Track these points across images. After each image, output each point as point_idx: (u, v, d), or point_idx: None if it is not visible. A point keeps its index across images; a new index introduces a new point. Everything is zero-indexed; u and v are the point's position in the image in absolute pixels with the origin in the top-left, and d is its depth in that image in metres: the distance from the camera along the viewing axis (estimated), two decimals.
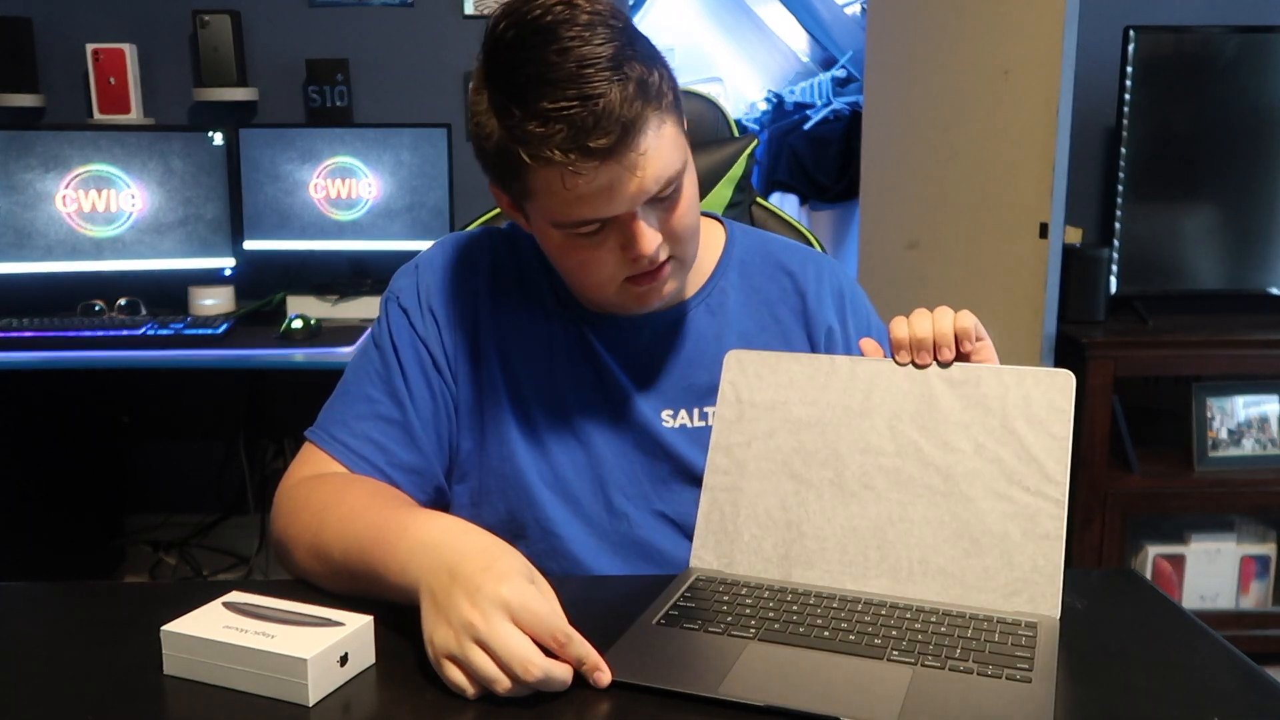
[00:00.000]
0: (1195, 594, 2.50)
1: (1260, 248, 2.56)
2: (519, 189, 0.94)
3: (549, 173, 0.89)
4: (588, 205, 0.90)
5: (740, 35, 5.15)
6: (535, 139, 0.87)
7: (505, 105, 0.89)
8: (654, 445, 1.05)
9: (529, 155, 0.88)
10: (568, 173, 0.87)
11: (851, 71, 4.64)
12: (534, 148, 0.87)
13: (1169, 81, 2.48)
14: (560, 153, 0.86)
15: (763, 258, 1.13)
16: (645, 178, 0.90)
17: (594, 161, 0.87)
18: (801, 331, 1.10)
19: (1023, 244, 2.31)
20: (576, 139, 0.86)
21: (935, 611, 0.83)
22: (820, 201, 4.30)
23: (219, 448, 2.89)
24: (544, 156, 0.87)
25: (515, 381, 1.06)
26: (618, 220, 0.92)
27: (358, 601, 0.84)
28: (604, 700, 0.73)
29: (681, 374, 1.07)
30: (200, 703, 0.73)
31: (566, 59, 0.86)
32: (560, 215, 0.92)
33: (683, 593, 0.87)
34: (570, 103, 0.85)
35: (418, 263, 1.12)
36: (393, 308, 1.08)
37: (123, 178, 2.52)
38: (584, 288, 1.02)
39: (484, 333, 1.06)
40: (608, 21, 0.89)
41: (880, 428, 0.91)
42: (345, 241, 2.63)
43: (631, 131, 0.88)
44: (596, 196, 0.89)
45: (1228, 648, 0.81)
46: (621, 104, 0.86)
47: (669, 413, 1.06)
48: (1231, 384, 2.51)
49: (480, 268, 1.09)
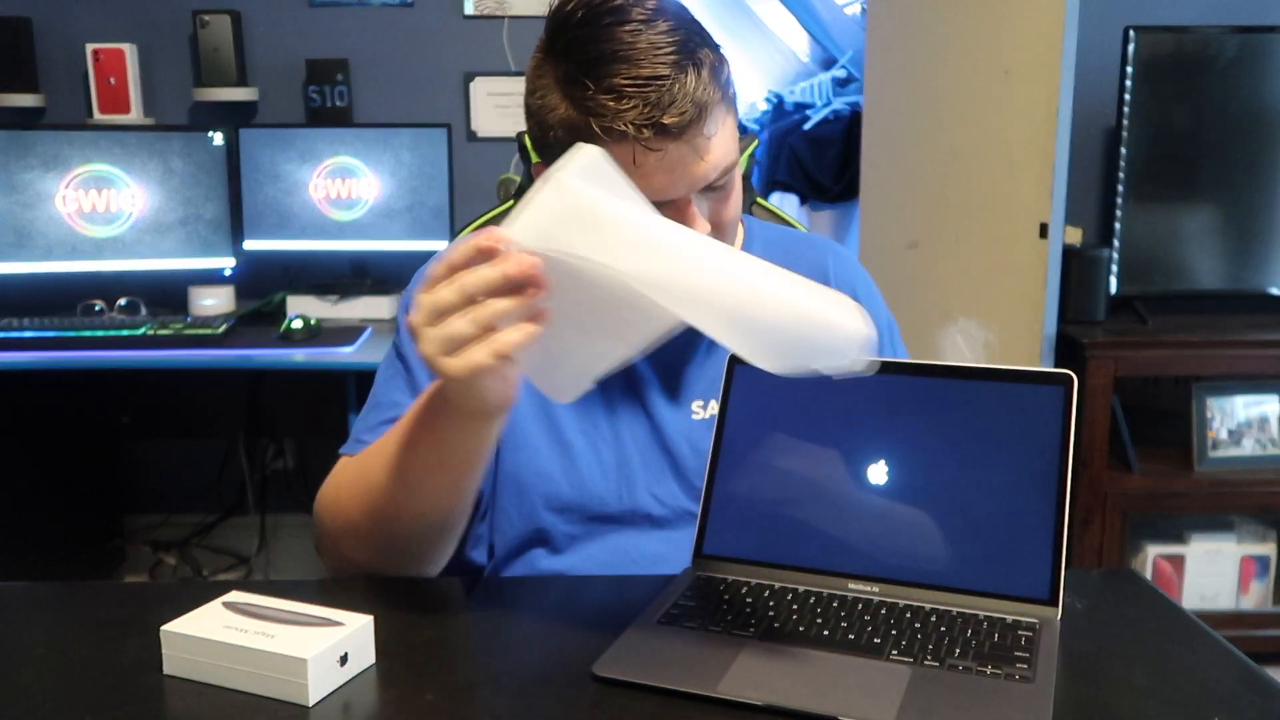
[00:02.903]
0: (1195, 594, 2.50)
1: (1260, 248, 2.56)
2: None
3: (614, 148, 0.87)
4: (650, 185, 0.90)
5: (740, 35, 5.15)
6: (609, 112, 0.87)
7: (576, 78, 0.89)
8: (681, 440, 1.05)
9: (601, 127, 0.88)
10: (639, 149, 0.88)
11: (851, 71, 4.64)
12: (607, 120, 0.87)
13: (1169, 81, 2.48)
14: (634, 127, 0.87)
15: (783, 249, 1.13)
16: (709, 163, 0.91)
17: (666, 139, 0.88)
18: None
19: (1023, 244, 2.31)
20: (651, 114, 0.87)
21: (934, 611, 0.83)
22: (820, 201, 4.29)
23: (219, 448, 2.89)
24: (617, 130, 0.87)
25: (536, 405, 1.05)
26: (672, 205, 0.93)
27: (358, 601, 0.84)
28: (604, 699, 0.73)
29: (710, 364, 1.07)
30: (200, 703, 0.73)
31: (638, 39, 0.88)
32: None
33: (683, 592, 0.87)
34: (646, 80, 0.87)
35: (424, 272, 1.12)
36: (405, 315, 1.09)
37: (123, 178, 2.52)
38: None
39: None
40: (674, 10, 0.91)
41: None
42: (345, 241, 2.63)
43: (704, 114, 0.89)
44: (660, 176, 0.90)
45: (1228, 648, 0.81)
46: (696, 86, 0.88)
47: (699, 403, 1.06)
48: (1231, 384, 2.51)
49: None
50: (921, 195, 2.67)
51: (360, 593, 0.97)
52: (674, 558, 1.01)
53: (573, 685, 0.74)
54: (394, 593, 0.96)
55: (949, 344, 2.50)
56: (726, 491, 0.93)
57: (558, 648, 0.80)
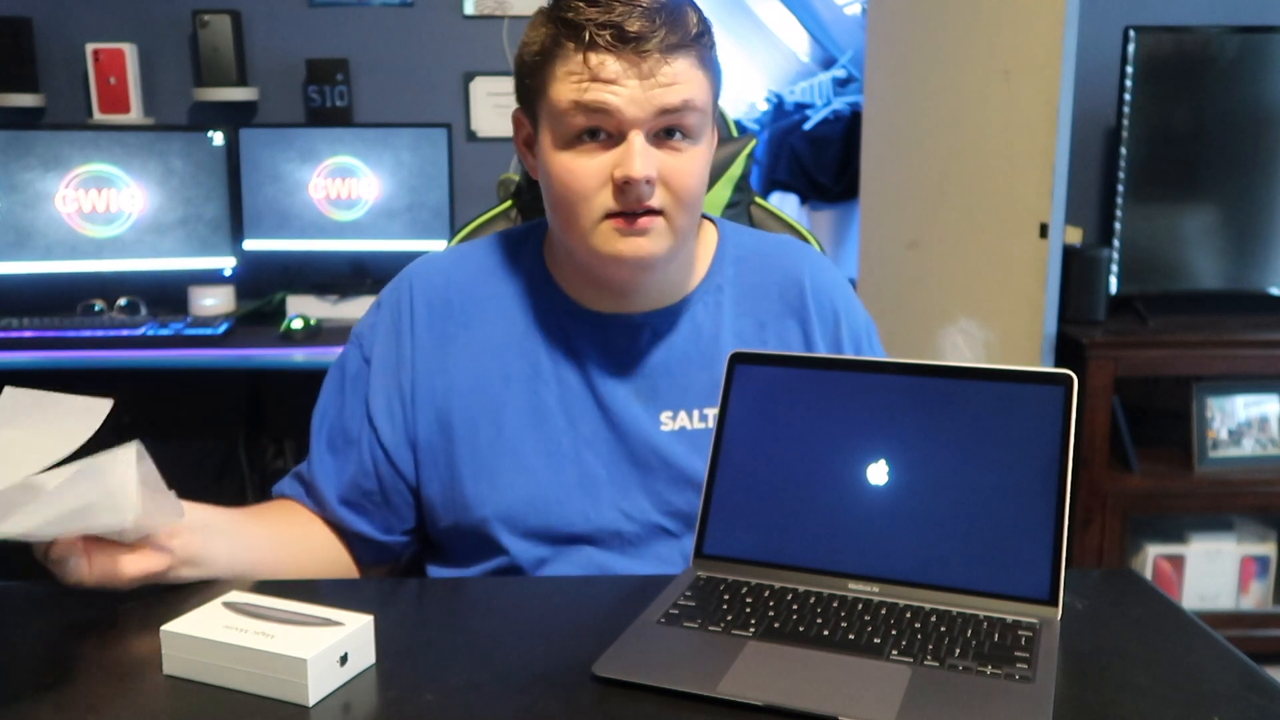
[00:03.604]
0: (1195, 594, 2.50)
1: (1260, 248, 2.56)
2: (538, 87, 0.96)
3: (573, 52, 0.92)
4: (600, 94, 0.92)
5: (740, 35, 5.15)
6: (577, 12, 0.92)
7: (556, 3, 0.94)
8: (650, 453, 1.03)
9: (565, 30, 0.92)
10: (597, 50, 0.91)
11: (851, 71, 4.64)
12: (572, 17, 0.91)
13: (1169, 81, 2.48)
14: (594, 26, 0.91)
15: (758, 256, 1.12)
16: (665, 93, 0.93)
17: (623, 47, 0.91)
18: (798, 327, 1.09)
19: (1023, 244, 2.31)
20: (612, 19, 0.91)
21: (934, 611, 0.83)
22: (820, 201, 4.30)
23: (219, 448, 2.89)
24: (577, 23, 0.91)
25: (493, 415, 1.03)
26: (617, 140, 0.94)
27: (358, 601, 0.84)
28: (604, 699, 0.73)
29: (680, 374, 1.05)
30: (200, 703, 0.73)
31: None
32: (568, 105, 0.93)
33: (683, 592, 0.87)
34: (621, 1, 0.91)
35: (380, 301, 1.10)
36: (353, 350, 1.09)
37: (123, 177, 2.52)
38: (569, 222, 0.98)
39: (449, 367, 1.05)
40: None
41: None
42: (345, 241, 2.63)
43: (669, 41, 0.92)
44: (612, 87, 0.92)
45: (1228, 648, 0.81)
46: (668, 16, 0.92)
47: (668, 414, 1.04)
48: (1231, 384, 2.51)
49: (443, 297, 1.07)
50: (921, 195, 2.67)
51: (360, 593, 0.97)
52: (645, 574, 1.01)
53: (573, 685, 0.74)
54: (394, 593, 0.96)
55: (949, 344, 2.51)
56: (726, 491, 0.93)
57: (558, 648, 0.80)
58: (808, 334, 1.09)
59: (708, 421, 1.04)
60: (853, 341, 1.11)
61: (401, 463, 1.05)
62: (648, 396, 1.04)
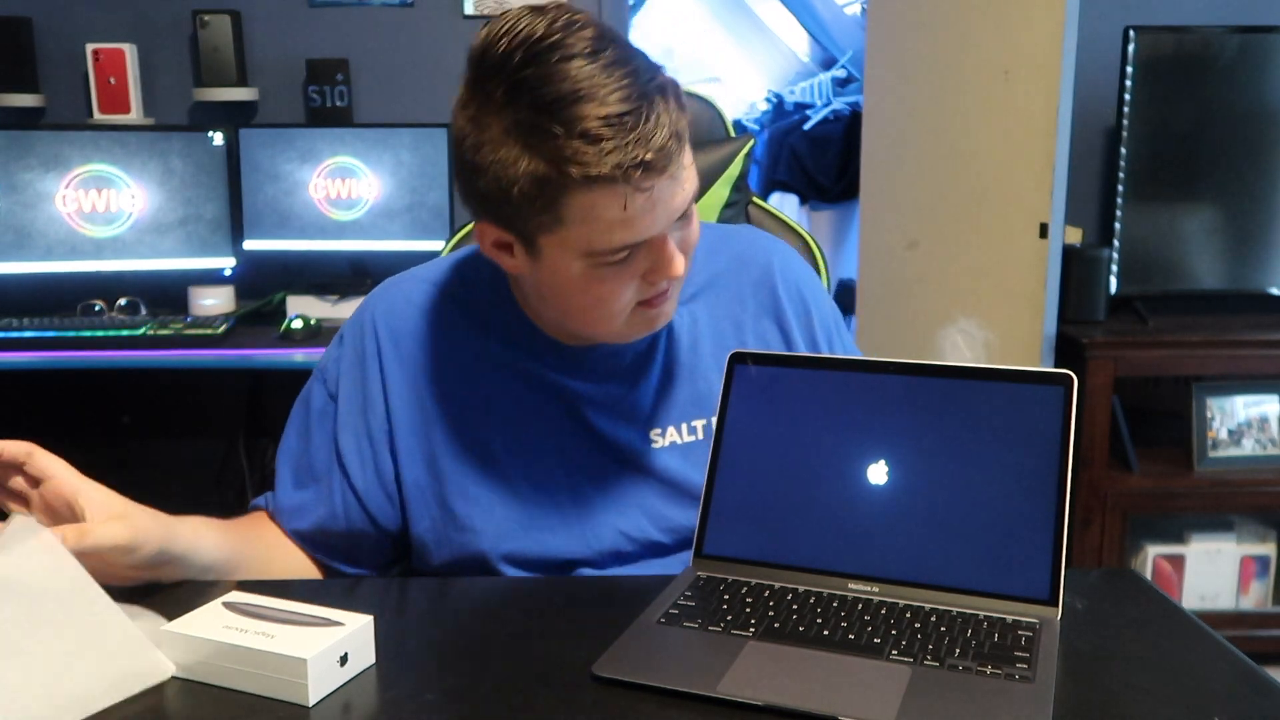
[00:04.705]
0: (1195, 594, 2.50)
1: (1260, 248, 2.56)
2: (543, 222, 0.85)
3: (599, 194, 0.81)
4: (635, 226, 0.84)
5: (740, 35, 5.15)
6: (588, 157, 0.79)
7: (537, 126, 0.80)
8: (644, 473, 1.01)
9: (582, 175, 0.80)
10: (630, 190, 0.81)
11: (851, 71, 4.64)
12: (590, 167, 0.79)
13: (1169, 81, 2.48)
14: (622, 170, 0.79)
15: (726, 253, 1.09)
16: (686, 192, 0.86)
17: (653, 175, 0.81)
18: (775, 326, 1.07)
19: (1023, 244, 2.31)
20: (635, 153, 0.79)
21: (934, 611, 0.83)
22: (820, 201, 4.30)
23: (219, 448, 2.89)
24: (603, 176, 0.79)
25: (481, 448, 1.00)
26: (648, 242, 0.87)
27: (358, 601, 0.84)
28: (604, 698, 0.73)
29: (665, 391, 1.03)
30: (200, 703, 0.73)
31: (594, 73, 0.80)
32: (600, 242, 0.85)
33: (683, 592, 0.87)
34: (619, 117, 0.79)
35: (342, 335, 1.07)
36: (317, 386, 1.06)
37: (123, 178, 2.52)
38: (593, 322, 0.94)
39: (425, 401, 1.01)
40: (614, 36, 0.83)
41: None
42: (345, 241, 2.63)
43: (682, 141, 0.84)
44: (647, 216, 0.83)
45: (1228, 648, 0.81)
46: (666, 114, 0.81)
47: (657, 432, 1.02)
48: (1231, 384, 2.51)
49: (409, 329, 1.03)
50: (921, 195, 2.68)
51: (360, 593, 0.97)
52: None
53: (573, 685, 0.74)
54: (394, 593, 0.96)
55: (949, 344, 2.50)
56: (726, 491, 0.93)
57: (558, 648, 0.80)
58: (785, 331, 1.07)
59: (698, 434, 1.03)
60: (824, 333, 1.09)
61: (375, 507, 1.01)
62: (635, 417, 1.02)
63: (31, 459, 0.85)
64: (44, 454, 0.86)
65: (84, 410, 2.78)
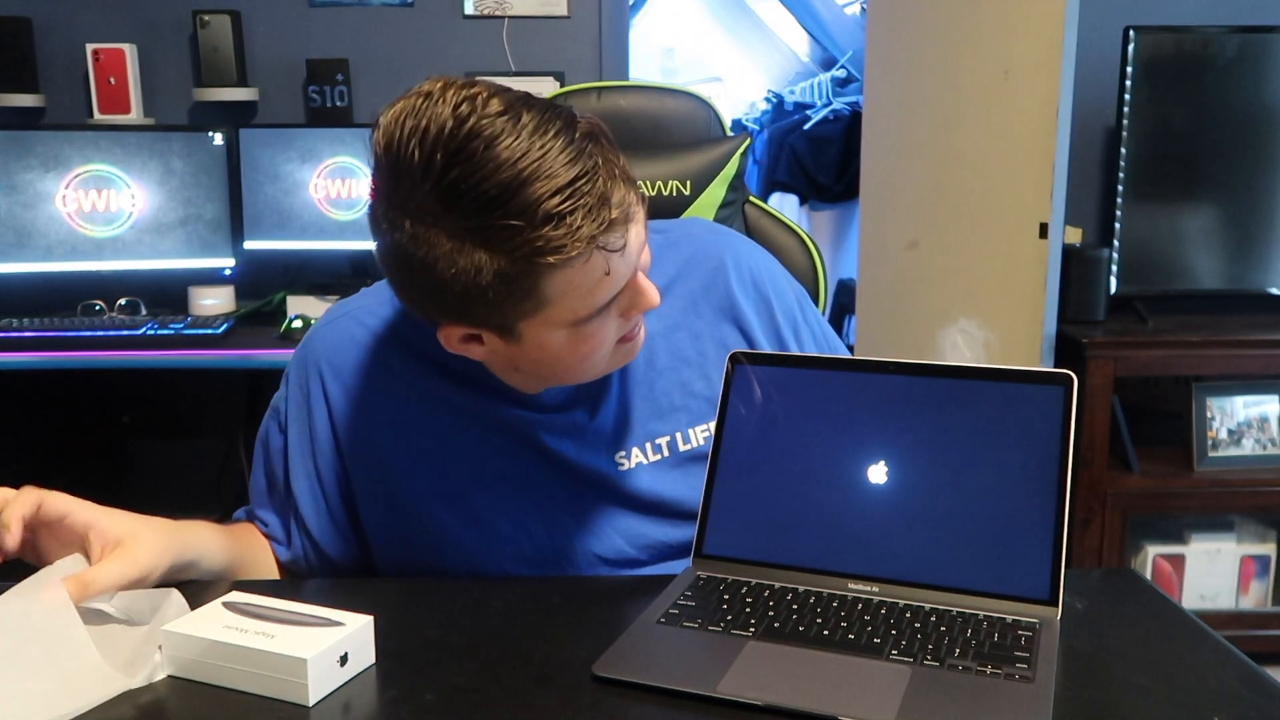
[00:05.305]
0: (1195, 594, 2.50)
1: (1260, 248, 2.56)
2: (523, 310, 0.82)
3: (577, 269, 0.78)
4: (616, 278, 0.82)
5: (740, 35, 5.15)
6: (558, 241, 0.75)
7: (490, 227, 0.75)
8: (615, 496, 1.00)
9: (560, 260, 0.76)
10: (611, 256, 0.79)
11: (851, 71, 4.64)
12: (563, 251, 0.75)
13: (1169, 81, 2.48)
14: (596, 243, 0.77)
15: (675, 257, 1.05)
16: (642, 222, 0.84)
17: (622, 228, 0.79)
18: (734, 329, 1.05)
19: (1023, 244, 2.31)
20: (602, 215, 0.76)
21: (934, 611, 0.83)
22: (820, 201, 4.30)
23: (219, 448, 2.89)
24: (578, 255, 0.76)
25: (444, 487, 0.98)
26: (629, 285, 0.85)
27: (358, 601, 0.84)
28: (603, 698, 0.73)
29: (624, 414, 1.01)
30: (200, 703, 0.73)
31: (529, 145, 0.75)
32: (584, 308, 0.82)
33: (683, 592, 0.87)
34: (571, 186, 0.75)
35: (288, 374, 1.04)
36: (271, 424, 1.05)
37: (123, 178, 2.52)
38: (579, 374, 0.92)
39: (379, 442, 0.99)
40: (513, 94, 0.78)
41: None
42: (345, 241, 2.63)
43: (631, 186, 0.81)
44: (623, 265, 0.81)
45: (1228, 648, 0.81)
46: (605, 154, 0.78)
47: (622, 455, 1.01)
48: (1231, 384, 2.51)
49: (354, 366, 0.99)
50: (921, 195, 2.68)
51: (360, 593, 0.97)
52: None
53: (573, 685, 0.74)
54: (394, 593, 0.96)
55: (949, 344, 2.50)
56: (726, 491, 0.93)
57: (558, 648, 0.80)
58: (746, 332, 1.05)
59: (663, 451, 1.01)
60: (788, 323, 1.06)
61: (334, 550, 1.01)
62: (599, 442, 1.00)
63: (42, 509, 0.85)
64: (52, 498, 0.85)
65: (84, 410, 2.78)
